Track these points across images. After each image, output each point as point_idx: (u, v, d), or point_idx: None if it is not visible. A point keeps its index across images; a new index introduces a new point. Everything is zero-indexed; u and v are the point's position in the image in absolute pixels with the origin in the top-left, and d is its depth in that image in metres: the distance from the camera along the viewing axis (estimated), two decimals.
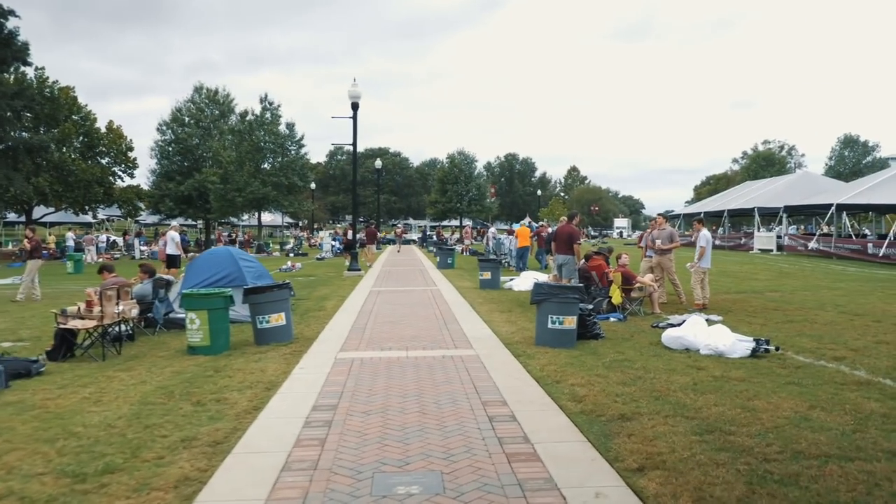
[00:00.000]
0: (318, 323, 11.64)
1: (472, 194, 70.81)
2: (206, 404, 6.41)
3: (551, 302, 9.03)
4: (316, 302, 14.94)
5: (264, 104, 47.09)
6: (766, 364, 7.87)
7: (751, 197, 43.15)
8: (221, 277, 12.21)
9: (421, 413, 5.97)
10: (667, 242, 13.82)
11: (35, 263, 16.39)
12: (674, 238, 13.95)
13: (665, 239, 13.86)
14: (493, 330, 10.73)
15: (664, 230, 14.08)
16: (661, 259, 13.80)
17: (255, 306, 9.61)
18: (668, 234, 13.95)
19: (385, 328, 11.02)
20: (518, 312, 12.91)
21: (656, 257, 13.88)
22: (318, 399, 6.50)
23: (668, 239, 13.86)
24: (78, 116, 48.01)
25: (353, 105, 23.11)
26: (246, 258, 13.08)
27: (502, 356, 8.55)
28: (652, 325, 11.10)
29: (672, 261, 13.88)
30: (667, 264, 13.79)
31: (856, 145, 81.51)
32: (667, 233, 14.00)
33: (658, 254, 13.82)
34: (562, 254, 13.47)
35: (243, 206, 45.68)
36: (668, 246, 13.78)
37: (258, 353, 8.89)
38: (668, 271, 13.83)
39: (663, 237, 13.90)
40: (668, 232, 14.05)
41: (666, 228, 14.20)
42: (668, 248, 13.76)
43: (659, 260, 13.83)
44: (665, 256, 13.78)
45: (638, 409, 5.94)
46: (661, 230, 14.08)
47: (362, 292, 16.94)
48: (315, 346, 9.42)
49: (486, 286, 17.68)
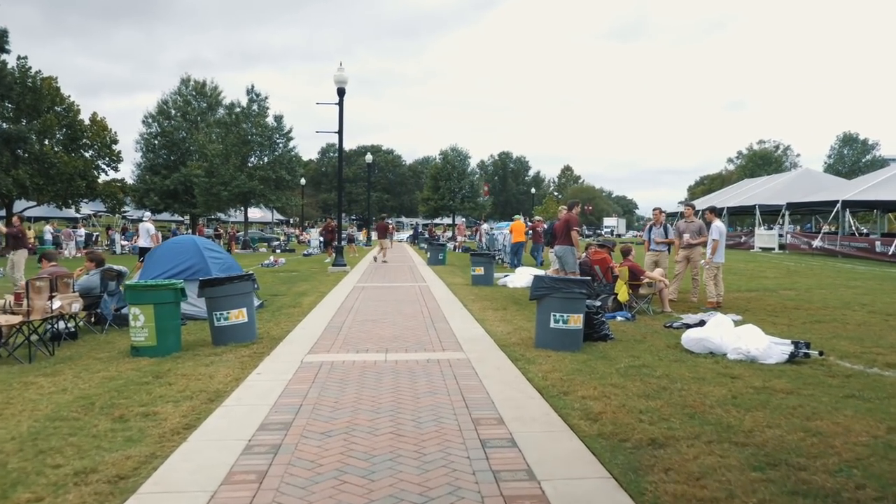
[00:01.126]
0: (289, 321, 10.35)
1: (464, 191, 69.48)
2: (129, 420, 5.13)
3: (554, 298, 7.77)
4: (292, 298, 13.65)
5: (251, 95, 45.61)
6: (810, 372, 6.64)
7: (751, 194, 41.99)
8: (184, 269, 10.93)
9: (395, 434, 4.71)
10: (696, 237, 12.64)
11: (21, 255, 15.05)
12: (703, 231, 12.76)
13: (694, 233, 12.68)
14: (486, 329, 9.48)
15: (692, 223, 12.87)
16: (691, 254, 12.65)
17: (212, 301, 8.31)
18: (697, 228, 12.76)
19: (364, 327, 9.74)
20: (514, 310, 11.66)
21: (684, 251, 12.75)
22: (269, 414, 5.22)
23: (697, 233, 12.68)
24: (61, 108, 46.53)
25: (339, 91, 21.80)
26: (212, 248, 11.78)
27: (497, 360, 7.29)
28: (665, 325, 9.86)
29: (701, 255, 12.73)
30: (696, 259, 12.63)
31: (855, 143, 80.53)
32: (696, 226, 12.80)
33: (686, 248, 12.69)
34: (562, 244, 12.22)
35: (229, 201, 44.18)
36: (698, 241, 12.61)
37: (212, 356, 7.60)
38: (694, 267, 12.67)
39: (692, 230, 12.71)
40: (697, 225, 12.85)
41: (694, 221, 12.97)
42: (696, 243, 12.60)
43: (687, 254, 12.70)
44: (695, 251, 12.64)
45: (670, 430, 4.69)
46: (690, 223, 12.88)
47: (345, 288, 15.66)
48: (281, 347, 8.14)
49: (478, 282, 16.42)
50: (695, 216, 13.22)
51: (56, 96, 45.63)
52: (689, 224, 13.02)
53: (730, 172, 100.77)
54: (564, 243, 12.08)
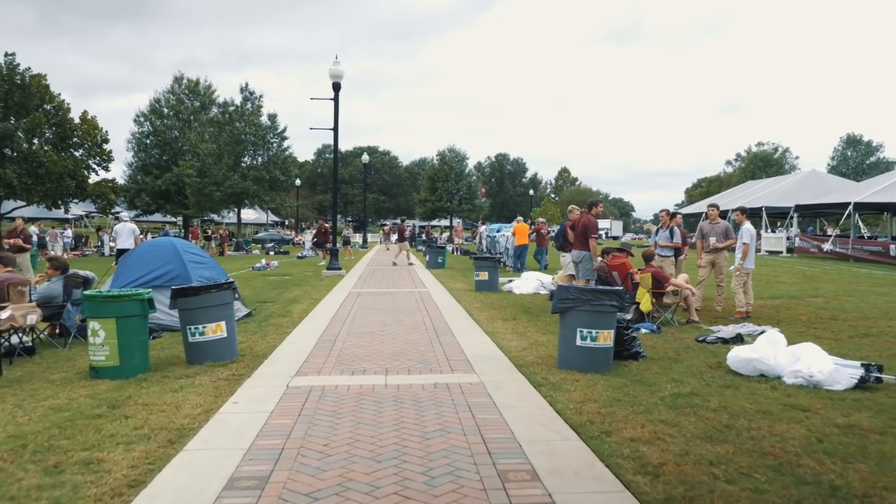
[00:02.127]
0: (276, 333, 9.27)
1: (462, 193, 68.43)
2: (65, 472, 4.06)
3: (581, 311, 6.71)
4: (282, 306, 12.56)
5: (245, 94, 44.54)
6: (891, 402, 5.59)
7: (756, 196, 40.97)
8: (160, 275, 9.88)
9: (401, 497, 3.65)
10: (722, 239, 11.63)
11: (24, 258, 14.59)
12: (729, 234, 11.74)
13: (720, 235, 11.66)
14: (497, 344, 8.42)
15: (718, 224, 11.86)
16: (716, 258, 11.65)
17: (186, 313, 7.24)
18: (722, 230, 11.74)
19: (361, 341, 8.67)
20: (525, 321, 10.61)
21: (708, 256, 11.76)
22: (241, 464, 4.16)
23: (723, 235, 11.67)
24: (50, 106, 45.39)
25: (335, 85, 20.73)
26: (193, 251, 10.70)
27: (517, 386, 6.23)
28: (697, 339, 8.82)
29: (727, 260, 11.74)
30: (721, 263, 11.62)
31: (859, 145, 79.64)
32: (721, 227, 11.79)
33: (711, 252, 11.69)
34: (579, 248, 11.17)
35: (221, 202, 43.07)
36: (724, 244, 11.60)
37: (183, 378, 6.52)
38: (720, 273, 11.67)
39: (717, 233, 11.70)
40: (722, 226, 11.83)
41: (720, 223, 11.96)
42: (722, 247, 11.60)
43: (712, 259, 11.70)
44: (720, 255, 11.64)
45: (760, 493, 3.63)
46: (715, 224, 11.86)
47: (340, 294, 14.58)
48: (264, 366, 7.06)
49: (482, 288, 15.36)
50: (720, 217, 12.20)
51: (45, 94, 44.38)
52: (713, 226, 12.00)
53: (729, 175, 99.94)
54: (582, 248, 11.03)
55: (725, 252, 11.87)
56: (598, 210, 11.46)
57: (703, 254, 12.01)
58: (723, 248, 11.76)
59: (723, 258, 11.86)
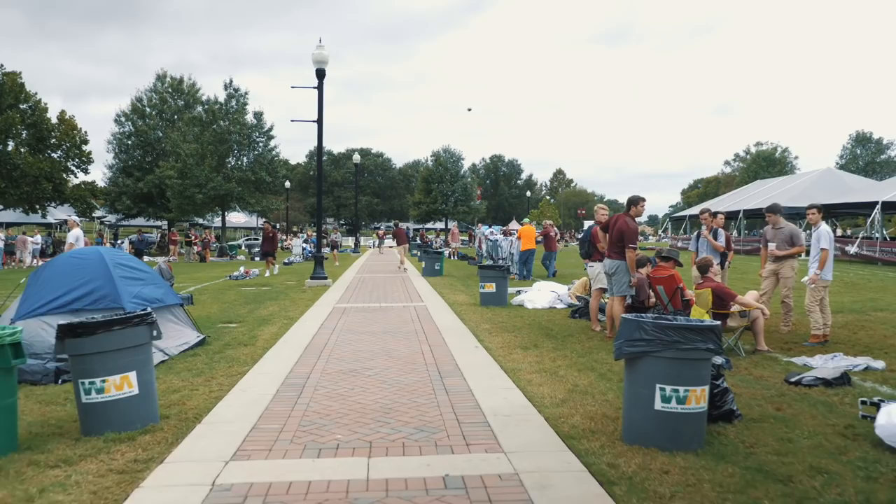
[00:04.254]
0: (228, 374, 7.01)
1: (457, 195, 66.13)
2: None
3: (661, 358, 4.47)
4: (249, 328, 10.30)
5: (229, 91, 42.14)
6: None
7: (770, 196, 38.79)
8: (81, 296, 7.64)
9: None
10: (785, 246, 9.51)
11: None
12: (796, 239, 9.62)
13: (783, 241, 9.55)
14: (523, 391, 6.19)
15: (781, 228, 9.74)
16: (780, 268, 9.54)
17: (79, 361, 4.96)
18: (787, 234, 9.64)
19: (339, 387, 6.43)
20: (550, 349, 8.39)
21: (771, 265, 9.73)
22: None
23: (789, 241, 9.55)
24: (26, 105, 43.14)
25: (318, 72, 18.49)
26: (128, 264, 8.39)
27: (572, 483, 3.99)
28: (787, 379, 6.62)
29: (794, 270, 9.62)
30: (787, 275, 9.52)
31: (868, 143, 77.63)
32: (786, 232, 9.67)
33: (774, 261, 9.58)
34: (613, 258, 8.96)
35: (204, 204, 40.66)
36: (790, 251, 9.49)
37: (57, 468, 4.26)
38: (785, 286, 9.56)
39: (780, 238, 9.59)
40: (787, 231, 9.71)
41: (784, 226, 9.82)
42: (786, 254, 9.50)
43: (775, 269, 9.60)
44: (785, 265, 9.55)
45: None
46: (778, 229, 9.74)
47: (321, 311, 12.33)
48: (189, 442, 4.80)
49: (489, 302, 13.13)
50: (784, 219, 10.04)
51: (21, 93, 42.17)
52: (777, 231, 9.87)
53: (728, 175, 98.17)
54: (618, 256, 8.82)
55: (794, 261, 9.78)
56: (638, 210, 9.29)
57: (766, 263, 9.93)
58: (787, 256, 9.68)
59: (788, 268, 9.76)
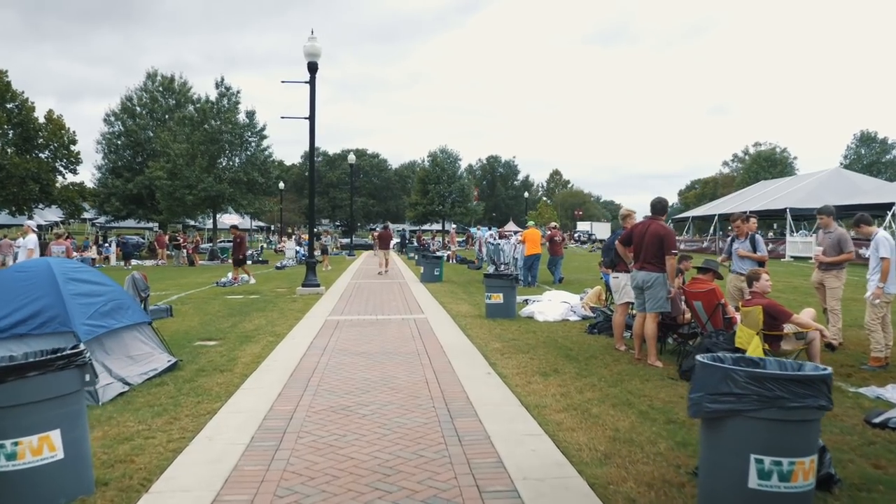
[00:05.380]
0: (193, 414, 5.83)
1: (454, 196, 64.90)
2: None
3: (757, 419, 3.32)
4: (229, 348, 9.12)
5: (220, 89, 40.91)
6: None
7: (777, 197, 37.79)
8: (25, 318, 6.52)
9: None
10: (832, 253, 8.41)
11: None
12: (844, 245, 8.52)
13: (832, 247, 8.46)
14: (553, 438, 5.04)
15: (831, 232, 8.65)
16: (825, 277, 8.46)
17: None
18: (836, 238, 8.55)
19: (327, 433, 5.26)
20: (573, 375, 7.24)
21: (818, 274, 8.62)
22: None
23: (837, 246, 8.45)
24: (12, 104, 41.96)
25: (310, 66, 17.31)
26: (83, 278, 7.19)
27: None
28: (867, 420, 5.50)
29: (841, 280, 8.52)
30: (833, 285, 8.43)
31: (873, 143, 76.64)
32: (835, 236, 8.60)
33: (822, 269, 8.49)
34: (649, 269, 7.80)
35: (194, 206, 39.43)
36: (837, 258, 8.40)
37: None
38: (832, 297, 8.47)
39: (827, 244, 8.50)
40: (836, 235, 8.64)
41: (834, 229, 8.74)
42: (832, 261, 8.41)
43: (821, 278, 8.50)
44: (831, 274, 8.45)
45: None
46: (828, 233, 8.65)
47: (311, 325, 11.16)
48: None
49: (496, 314, 11.97)
50: (835, 223, 8.94)
51: (7, 92, 40.95)
52: (826, 235, 8.80)
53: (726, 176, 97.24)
54: (655, 268, 7.67)
55: (841, 270, 8.70)
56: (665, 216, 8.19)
57: (814, 270, 8.87)
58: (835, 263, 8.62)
59: (834, 278, 8.69)
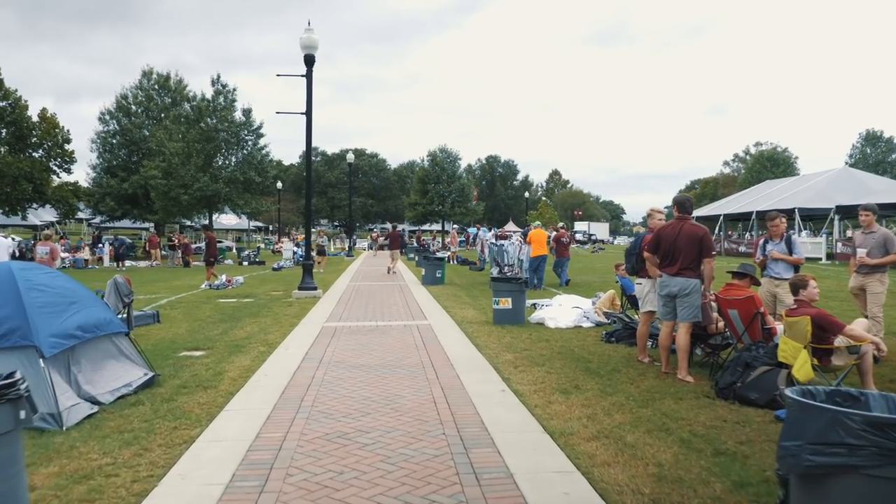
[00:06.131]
0: (166, 444, 5.05)
1: (454, 196, 64.13)
2: None
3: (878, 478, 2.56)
4: (217, 359, 8.35)
5: (216, 87, 40.14)
6: None
7: (784, 196, 36.99)
8: None
9: None
10: (878, 254, 7.66)
11: None
12: (890, 245, 7.77)
13: (876, 248, 7.70)
14: (587, 476, 4.29)
15: (874, 232, 7.89)
16: (866, 281, 7.71)
17: None
18: (881, 239, 7.80)
19: (321, 469, 4.49)
20: (597, 392, 6.49)
21: (859, 278, 7.88)
22: None
23: (883, 247, 7.70)
24: (5, 103, 41.20)
25: (307, 59, 16.59)
26: (48, 284, 6.41)
27: None
28: None
29: (885, 284, 7.79)
30: (876, 290, 7.71)
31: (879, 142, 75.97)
32: (880, 236, 7.85)
33: (862, 273, 7.78)
34: (687, 275, 7.02)
35: (190, 206, 38.67)
36: (884, 260, 7.65)
37: None
38: (875, 303, 7.72)
39: (871, 244, 7.74)
40: (881, 234, 7.88)
41: (877, 229, 7.98)
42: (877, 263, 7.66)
43: (862, 282, 7.76)
44: (874, 278, 7.72)
45: None
46: (870, 233, 7.89)
47: (307, 332, 10.40)
48: None
49: (504, 320, 11.22)
50: (877, 222, 8.19)
51: None
52: (867, 235, 8.04)
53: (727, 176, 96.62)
54: (690, 273, 6.91)
55: (884, 274, 7.96)
56: None
57: (853, 273, 8.11)
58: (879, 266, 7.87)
59: (877, 282, 7.95)
